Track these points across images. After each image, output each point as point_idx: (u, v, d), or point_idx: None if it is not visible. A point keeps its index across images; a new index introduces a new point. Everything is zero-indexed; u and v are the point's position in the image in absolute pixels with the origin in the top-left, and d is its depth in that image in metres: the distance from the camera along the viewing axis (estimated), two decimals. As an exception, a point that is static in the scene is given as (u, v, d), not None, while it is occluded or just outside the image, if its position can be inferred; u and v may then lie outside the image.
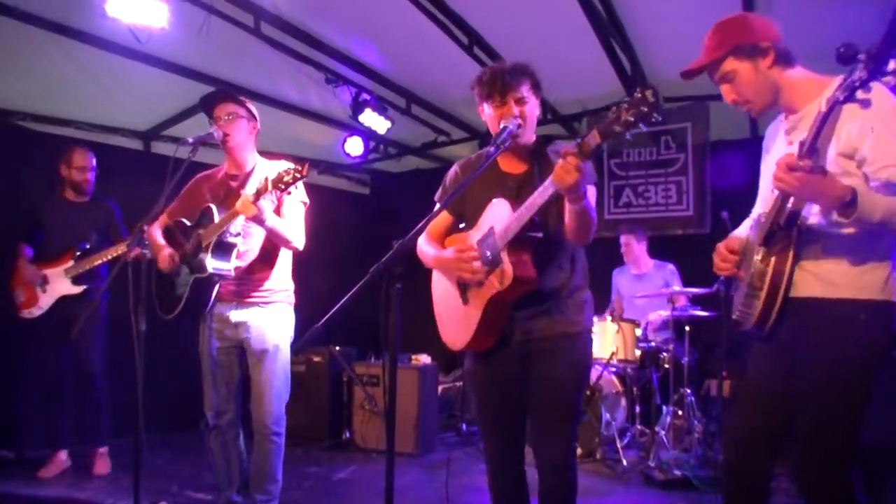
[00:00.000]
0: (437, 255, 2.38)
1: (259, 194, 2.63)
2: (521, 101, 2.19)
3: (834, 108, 1.67)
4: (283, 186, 2.58)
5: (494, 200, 2.24)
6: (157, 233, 3.09)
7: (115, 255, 4.00)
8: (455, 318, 2.37)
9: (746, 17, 2.05)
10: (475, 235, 2.30)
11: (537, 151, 2.29)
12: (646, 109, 1.76)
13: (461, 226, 2.46)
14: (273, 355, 2.92)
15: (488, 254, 2.18)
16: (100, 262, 4.07)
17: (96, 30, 4.07)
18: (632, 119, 1.78)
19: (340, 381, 5.25)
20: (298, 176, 2.54)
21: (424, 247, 2.44)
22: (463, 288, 2.33)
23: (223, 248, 2.82)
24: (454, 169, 2.46)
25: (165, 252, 2.99)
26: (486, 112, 2.26)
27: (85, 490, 3.89)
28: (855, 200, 1.68)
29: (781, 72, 1.93)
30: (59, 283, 4.16)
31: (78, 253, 4.16)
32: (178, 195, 3.17)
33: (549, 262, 2.23)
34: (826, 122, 1.69)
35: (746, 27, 1.95)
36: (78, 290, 4.15)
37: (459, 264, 2.24)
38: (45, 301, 4.17)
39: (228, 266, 2.85)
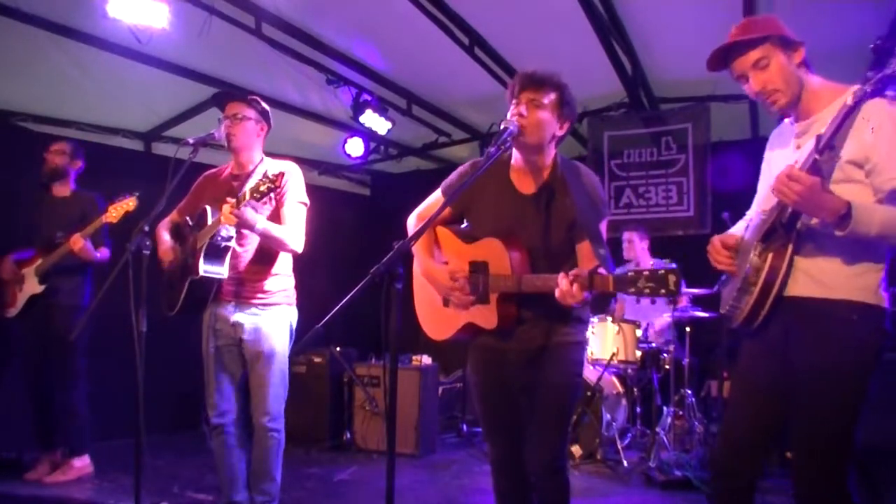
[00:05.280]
0: (428, 265, 2.36)
1: (239, 203, 2.70)
2: (534, 104, 2.13)
3: (861, 102, 1.65)
4: (258, 196, 2.68)
5: (489, 240, 2.21)
6: (162, 230, 3.14)
7: (64, 252, 3.87)
8: (435, 313, 2.42)
9: (776, 18, 2.03)
10: (470, 253, 2.28)
11: (553, 173, 2.22)
12: (663, 292, 1.80)
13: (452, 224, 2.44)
14: (269, 357, 2.92)
15: (479, 287, 2.20)
16: (56, 259, 3.91)
17: (97, 31, 4.08)
18: (647, 293, 1.82)
19: (341, 382, 5.25)
20: (272, 186, 2.67)
21: (417, 249, 2.38)
22: None
23: (215, 252, 2.84)
24: (466, 167, 2.38)
25: (167, 244, 3.07)
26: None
27: (85, 490, 3.89)
28: (850, 214, 1.70)
29: (805, 73, 1.95)
30: (29, 283, 4.03)
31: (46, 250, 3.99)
32: (188, 193, 3.20)
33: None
34: (849, 116, 1.67)
35: (779, 24, 1.96)
36: (41, 288, 3.99)
37: (451, 290, 2.26)
38: (20, 301, 4.05)
39: (221, 269, 2.87)
